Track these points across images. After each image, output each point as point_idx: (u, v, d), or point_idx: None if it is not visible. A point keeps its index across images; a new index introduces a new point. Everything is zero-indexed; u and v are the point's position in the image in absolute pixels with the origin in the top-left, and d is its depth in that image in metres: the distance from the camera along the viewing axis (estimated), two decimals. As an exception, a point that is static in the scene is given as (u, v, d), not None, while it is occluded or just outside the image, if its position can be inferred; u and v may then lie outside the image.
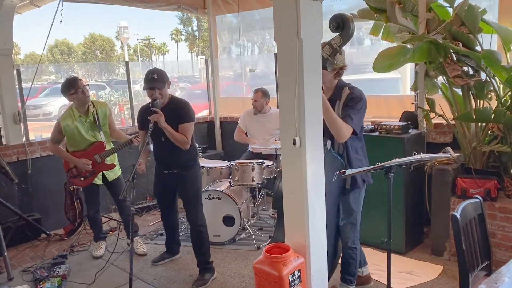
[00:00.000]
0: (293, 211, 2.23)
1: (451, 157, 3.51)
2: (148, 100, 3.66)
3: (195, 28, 41.62)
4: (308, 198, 2.14)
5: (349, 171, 2.41)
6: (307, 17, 2.01)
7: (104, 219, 5.02)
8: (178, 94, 16.48)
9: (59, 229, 5.06)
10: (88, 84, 4.14)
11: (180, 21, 41.06)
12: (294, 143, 2.09)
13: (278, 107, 5.54)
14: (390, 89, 7.08)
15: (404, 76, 6.45)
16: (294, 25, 2.01)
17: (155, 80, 3.53)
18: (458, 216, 2.30)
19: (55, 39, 42.45)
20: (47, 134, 5.14)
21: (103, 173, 4.30)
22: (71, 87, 4.00)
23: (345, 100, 2.83)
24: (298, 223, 2.20)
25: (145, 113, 3.67)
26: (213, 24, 6.54)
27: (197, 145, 3.98)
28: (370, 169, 2.44)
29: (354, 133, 2.80)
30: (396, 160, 2.40)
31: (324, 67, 2.41)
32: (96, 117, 4.17)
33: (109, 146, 4.31)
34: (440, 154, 2.68)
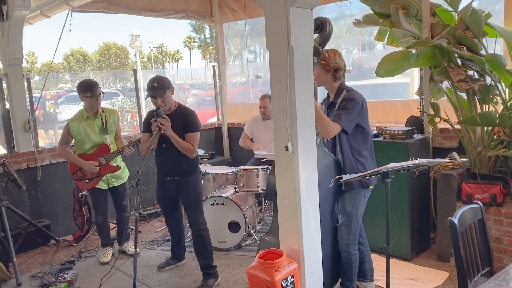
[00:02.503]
0: (287, 216, 2.24)
1: (450, 162, 3.48)
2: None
3: (207, 35, 41.89)
4: (301, 203, 2.15)
5: (346, 177, 2.41)
6: (298, 25, 2.03)
7: (111, 225, 5.11)
8: (189, 100, 16.62)
9: (68, 235, 5.14)
10: (103, 93, 4.32)
11: (193, 29, 41.40)
12: (287, 149, 2.11)
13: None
14: (399, 94, 7.03)
15: (413, 80, 6.42)
16: (284, 33, 2.02)
17: (156, 88, 3.59)
18: (456, 222, 2.28)
19: (71, 48, 43.17)
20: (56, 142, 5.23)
21: (108, 179, 4.38)
22: (88, 90, 4.19)
23: (339, 102, 2.86)
24: (292, 229, 2.21)
25: (151, 117, 3.72)
26: (220, 31, 6.60)
27: (199, 153, 4.01)
28: (365, 174, 2.44)
29: (344, 131, 2.82)
30: (391, 165, 2.39)
31: None
32: (104, 120, 4.31)
33: (114, 149, 4.40)
34: (438, 160, 2.67)
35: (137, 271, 4.18)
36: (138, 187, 3.29)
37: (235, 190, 4.62)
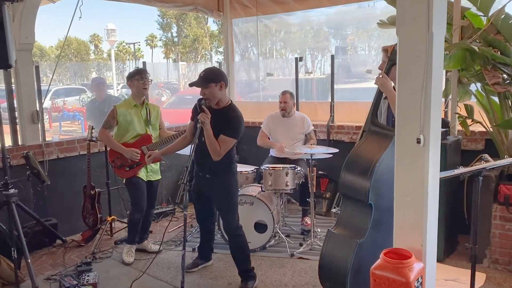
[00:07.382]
0: (408, 214, 2.14)
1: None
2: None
3: (174, 34, 41.03)
4: (428, 201, 2.06)
5: (443, 173, 2.34)
6: (437, 10, 1.95)
7: (123, 224, 4.87)
8: (163, 99, 16.22)
9: (74, 235, 4.81)
10: (152, 80, 4.29)
11: (160, 27, 40.42)
12: (418, 142, 2.01)
13: (297, 110, 5.48)
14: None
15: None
16: (424, 18, 1.94)
17: (200, 78, 3.44)
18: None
19: (27, 41, 41.14)
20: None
21: (147, 172, 4.24)
22: (139, 73, 4.17)
23: None
24: (414, 227, 2.11)
25: (197, 107, 3.54)
26: (230, 27, 6.41)
27: (237, 157, 3.84)
28: (463, 172, 2.39)
29: None
30: (489, 164, 2.36)
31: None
32: (148, 112, 4.25)
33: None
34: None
35: (163, 272, 4.02)
36: (188, 183, 3.10)
37: (261, 189, 4.46)
